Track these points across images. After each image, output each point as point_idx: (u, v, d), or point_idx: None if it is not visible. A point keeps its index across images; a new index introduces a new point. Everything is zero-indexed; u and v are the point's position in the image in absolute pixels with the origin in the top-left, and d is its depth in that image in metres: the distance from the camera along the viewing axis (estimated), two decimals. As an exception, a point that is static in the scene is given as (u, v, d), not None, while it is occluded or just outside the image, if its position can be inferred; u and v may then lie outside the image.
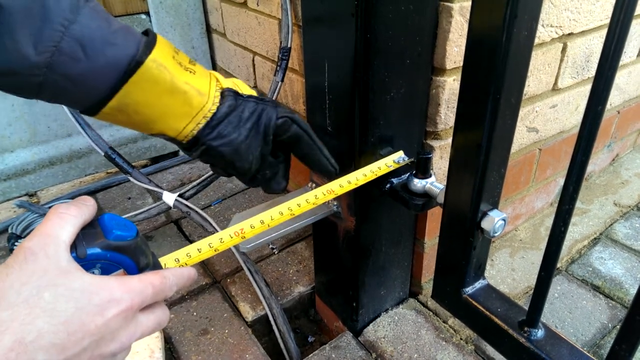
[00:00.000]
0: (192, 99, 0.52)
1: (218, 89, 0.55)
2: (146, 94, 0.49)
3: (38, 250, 0.36)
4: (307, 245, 1.27)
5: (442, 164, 0.88)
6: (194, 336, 1.01)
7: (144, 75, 0.48)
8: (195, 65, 0.54)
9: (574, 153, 0.48)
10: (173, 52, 0.52)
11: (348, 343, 0.96)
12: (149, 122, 0.52)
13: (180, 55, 0.53)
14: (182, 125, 0.53)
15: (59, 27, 0.44)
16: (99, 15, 0.47)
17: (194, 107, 0.52)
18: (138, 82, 0.48)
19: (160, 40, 0.51)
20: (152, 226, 1.35)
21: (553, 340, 0.62)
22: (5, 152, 1.45)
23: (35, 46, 0.43)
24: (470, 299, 0.70)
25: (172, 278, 0.44)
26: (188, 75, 0.52)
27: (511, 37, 0.50)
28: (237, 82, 0.59)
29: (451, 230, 0.68)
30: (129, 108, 0.50)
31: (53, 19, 0.43)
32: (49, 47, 0.43)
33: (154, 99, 0.50)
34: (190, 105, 0.52)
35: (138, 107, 0.50)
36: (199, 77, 0.53)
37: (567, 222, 0.53)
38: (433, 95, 0.79)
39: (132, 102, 0.49)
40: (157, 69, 0.49)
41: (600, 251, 1.17)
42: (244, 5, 1.28)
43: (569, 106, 1.10)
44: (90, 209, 0.42)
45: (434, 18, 0.72)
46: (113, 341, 0.38)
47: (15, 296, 0.34)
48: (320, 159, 0.64)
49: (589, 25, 0.98)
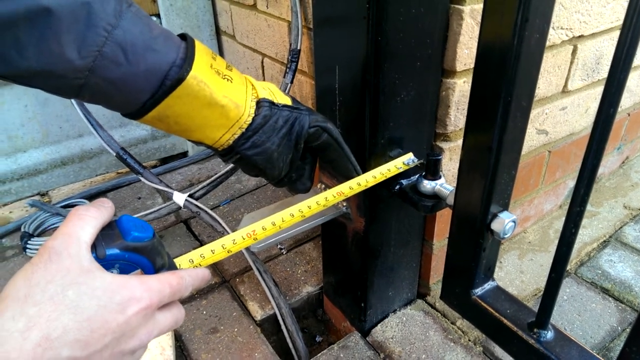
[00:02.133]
0: (230, 112, 0.54)
1: (254, 98, 0.56)
2: (186, 107, 0.51)
3: (61, 250, 0.37)
4: (315, 246, 1.27)
5: (451, 165, 0.88)
6: (204, 334, 1.02)
7: (185, 90, 0.50)
8: (232, 70, 0.56)
9: (586, 155, 0.48)
10: (211, 60, 0.53)
11: (356, 343, 0.96)
12: (187, 131, 0.55)
13: (217, 61, 0.54)
14: (219, 135, 0.55)
15: (103, 32, 0.45)
16: (141, 20, 0.48)
17: (231, 119, 0.54)
18: (179, 97, 0.50)
19: (199, 49, 0.52)
20: (162, 226, 1.37)
21: (563, 342, 0.62)
22: (19, 152, 1.47)
23: (79, 50, 0.44)
24: (479, 300, 0.70)
25: (188, 278, 0.45)
26: (226, 86, 0.53)
27: (523, 40, 0.51)
28: (271, 88, 0.61)
29: (461, 231, 0.69)
30: (169, 119, 0.52)
31: (97, 23, 0.44)
32: (92, 51, 0.45)
33: (193, 112, 0.52)
34: (227, 117, 0.54)
35: (178, 119, 0.52)
36: (236, 86, 0.55)
37: (577, 224, 0.53)
38: (443, 97, 0.80)
39: (172, 114, 0.52)
40: (198, 85, 0.51)
41: (609, 254, 1.17)
42: (254, 8, 1.29)
43: (579, 108, 1.10)
44: (108, 210, 0.43)
45: (444, 20, 0.72)
46: (133, 338, 0.39)
47: (41, 294, 0.35)
48: (346, 165, 0.67)
49: (599, 27, 0.98)
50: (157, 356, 0.92)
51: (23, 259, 1.25)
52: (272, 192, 1.52)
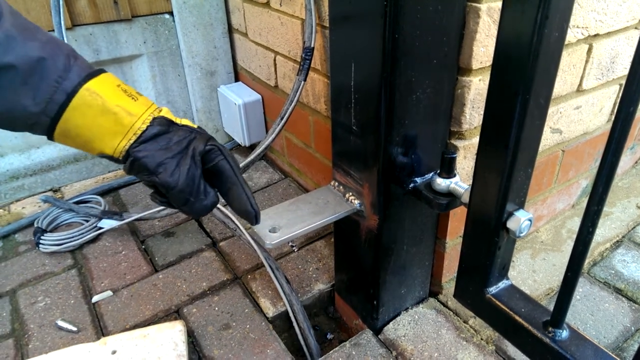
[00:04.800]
0: (123, 118, 0.59)
1: (153, 114, 0.61)
2: (82, 117, 0.57)
3: None
4: (327, 244, 1.28)
5: (465, 163, 0.88)
6: (216, 330, 1.03)
7: (78, 101, 0.56)
8: (140, 96, 0.62)
9: (605, 153, 0.48)
10: (119, 82, 0.61)
11: (368, 340, 0.97)
12: (89, 142, 0.60)
13: (125, 86, 0.62)
14: (116, 142, 0.60)
15: (54, 83, 0.54)
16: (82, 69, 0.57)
17: (125, 126, 0.59)
18: (74, 108, 0.56)
19: (109, 75, 0.60)
20: (174, 222, 1.37)
21: (578, 341, 0.62)
22: (32, 148, 1.48)
23: (33, 98, 0.54)
24: (493, 298, 0.70)
25: None
26: (124, 99, 0.60)
27: (542, 38, 0.50)
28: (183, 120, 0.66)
29: (475, 230, 0.69)
30: (71, 132, 0.58)
31: (50, 76, 0.54)
32: (45, 99, 0.54)
33: (89, 121, 0.58)
34: (121, 124, 0.59)
35: (78, 130, 0.58)
36: (136, 103, 0.61)
37: (595, 223, 0.53)
38: (458, 95, 0.80)
39: (73, 127, 0.58)
40: (90, 95, 0.57)
41: (622, 254, 1.16)
42: (267, 6, 1.29)
43: (593, 107, 1.09)
44: None
45: (461, 18, 0.72)
46: None
47: None
48: (241, 196, 0.65)
49: (615, 26, 0.97)
50: (170, 351, 0.93)
51: (36, 255, 1.27)
52: (283, 190, 1.52)
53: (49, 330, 1.05)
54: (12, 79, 0.52)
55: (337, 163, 0.89)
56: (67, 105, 0.56)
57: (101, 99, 0.58)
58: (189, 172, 0.61)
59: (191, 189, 0.62)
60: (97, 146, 0.60)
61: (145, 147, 0.60)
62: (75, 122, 0.57)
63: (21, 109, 0.54)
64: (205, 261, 1.23)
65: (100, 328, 1.05)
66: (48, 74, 0.54)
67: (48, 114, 0.55)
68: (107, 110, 0.58)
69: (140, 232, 1.35)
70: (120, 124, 0.59)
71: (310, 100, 1.26)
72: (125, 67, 1.53)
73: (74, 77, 0.56)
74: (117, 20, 1.43)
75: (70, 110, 0.56)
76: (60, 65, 0.55)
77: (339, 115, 0.83)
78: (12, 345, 1.02)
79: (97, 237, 1.32)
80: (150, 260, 1.24)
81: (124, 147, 0.59)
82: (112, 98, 0.58)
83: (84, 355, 0.93)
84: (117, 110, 0.58)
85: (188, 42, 1.55)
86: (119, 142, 0.59)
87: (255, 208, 0.67)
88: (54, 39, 0.57)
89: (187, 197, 0.62)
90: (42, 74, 0.54)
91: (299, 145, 1.44)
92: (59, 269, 1.22)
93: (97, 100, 0.57)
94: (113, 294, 1.14)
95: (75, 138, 0.59)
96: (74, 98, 0.56)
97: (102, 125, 0.58)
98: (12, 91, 0.53)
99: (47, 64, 0.54)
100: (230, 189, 0.65)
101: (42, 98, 0.54)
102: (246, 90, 1.61)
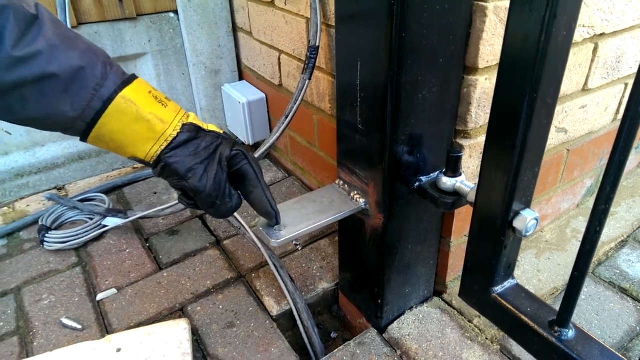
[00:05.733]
0: (155, 126, 0.62)
1: (182, 120, 0.65)
2: (117, 123, 0.60)
3: None
4: (331, 242, 1.28)
5: (471, 162, 0.88)
6: (220, 329, 1.03)
7: (113, 108, 0.60)
8: (170, 101, 0.66)
9: (612, 152, 0.48)
10: (151, 89, 0.64)
11: (373, 339, 0.97)
12: (122, 147, 0.63)
13: (156, 92, 0.65)
14: (148, 147, 0.63)
15: (92, 91, 0.58)
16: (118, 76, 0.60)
17: (157, 132, 0.63)
18: (110, 115, 0.60)
19: (140, 81, 0.63)
20: (178, 221, 1.38)
21: (584, 340, 0.62)
22: (37, 146, 1.48)
23: (72, 104, 0.57)
24: (499, 298, 0.70)
25: None
26: (156, 106, 0.63)
27: (550, 37, 0.50)
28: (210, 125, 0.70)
29: (481, 229, 0.69)
30: (105, 137, 0.61)
31: (88, 85, 0.57)
32: (82, 106, 0.58)
33: (124, 127, 0.61)
34: (154, 130, 0.62)
35: (112, 136, 0.61)
36: (167, 110, 0.64)
37: (602, 222, 0.53)
38: (464, 94, 0.80)
39: (107, 132, 0.61)
40: (125, 103, 0.60)
41: (627, 254, 1.16)
42: (272, 5, 1.29)
43: (599, 107, 1.09)
44: None
45: (467, 17, 0.72)
46: None
47: None
48: (262, 199, 0.72)
49: (620, 25, 0.97)
50: (174, 349, 0.93)
51: (40, 252, 1.27)
52: (287, 189, 1.52)
53: (54, 327, 1.05)
54: (53, 87, 0.55)
55: (342, 162, 0.89)
56: (103, 112, 0.59)
57: (135, 107, 0.61)
58: (216, 177, 0.65)
59: (218, 193, 0.66)
60: (129, 150, 0.63)
61: (175, 153, 0.64)
62: (110, 128, 0.60)
63: (60, 115, 0.57)
64: (209, 259, 1.23)
65: (105, 326, 1.05)
66: (87, 82, 0.57)
67: (84, 119, 0.58)
68: (141, 117, 0.61)
69: (144, 231, 1.35)
70: (152, 131, 0.62)
71: (315, 99, 1.26)
72: (130, 65, 1.53)
73: (110, 84, 0.59)
74: (122, 19, 1.43)
75: (106, 117, 0.59)
76: (98, 73, 0.58)
77: (345, 114, 0.83)
78: (17, 342, 1.02)
79: (102, 235, 1.32)
80: (155, 259, 1.25)
81: (156, 153, 0.63)
82: (145, 105, 0.62)
83: (89, 353, 0.93)
84: (150, 118, 0.62)
85: (192, 40, 1.55)
86: (151, 148, 0.63)
87: (275, 209, 0.74)
88: (92, 47, 0.60)
89: (214, 200, 0.67)
90: (81, 83, 0.57)
91: (303, 144, 1.44)
92: (64, 267, 1.22)
93: (131, 107, 0.60)
94: (117, 292, 1.14)
95: (109, 142, 0.62)
96: (110, 106, 0.59)
97: (135, 131, 0.62)
98: (53, 98, 0.56)
99: (86, 72, 0.57)
100: (253, 191, 0.71)
101: (80, 105, 0.57)
102: (250, 89, 1.61)
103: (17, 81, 0.53)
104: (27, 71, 0.53)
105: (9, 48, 0.52)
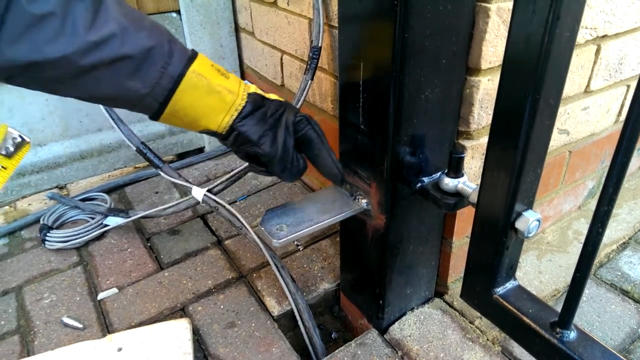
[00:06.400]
0: (225, 96, 0.65)
1: (246, 90, 0.68)
2: (190, 97, 0.63)
3: None
4: (332, 243, 1.28)
5: (473, 163, 0.88)
6: (221, 329, 1.03)
7: (186, 84, 0.62)
8: (229, 73, 0.68)
9: (615, 154, 0.48)
10: (211, 62, 0.66)
11: (374, 340, 0.96)
12: (196, 121, 0.65)
13: (217, 66, 0.67)
14: (220, 118, 0.66)
15: (161, 69, 0.60)
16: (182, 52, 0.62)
17: (227, 103, 0.65)
18: (183, 90, 0.62)
19: (202, 55, 0.65)
20: (179, 220, 1.38)
21: (585, 342, 0.62)
22: (38, 145, 1.49)
23: (143, 82, 0.59)
24: (501, 299, 0.70)
25: None
26: (222, 79, 0.65)
27: (553, 38, 0.50)
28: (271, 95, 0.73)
29: (483, 230, 0.69)
30: (179, 112, 0.64)
31: (157, 62, 0.59)
32: (152, 83, 0.60)
33: (197, 101, 0.63)
34: (224, 101, 0.65)
35: (187, 110, 0.64)
36: (230, 81, 0.66)
37: (604, 224, 0.53)
38: (467, 95, 0.80)
39: (181, 107, 0.63)
40: (196, 77, 0.62)
41: (629, 255, 1.16)
42: (274, 5, 1.29)
43: (601, 109, 1.09)
44: None
45: (470, 18, 0.72)
46: None
47: None
48: (328, 160, 0.73)
49: (623, 27, 0.97)
50: (175, 349, 0.93)
51: (42, 251, 1.27)
52: (289, 189, 1.52)
53: (55, 327, 1.05)
54: (127, 67, 0.57)
55: (344, 162, 0.89)
56: (176, 88, 0.61)
57: (206, 80, 0.63)
58: (286, 143, 0.68)
59: (288, 157, 0.69)
60: (203, 123, 0.66)
61: (246, 122, 0.66)
62: (184, 103, 0.63)
63: (132, 93, 0.59)
64: (210, 259, 1.23)
65: (106, 325, 1.05)
66: (156, 60, 0.59)
67: (155, 97, 0.61)
68: (212, 90, 0.64)
69: (145, 230, 1.35)
70: (223, 102, 0.65)
71: (317, 100, 1.26)
72: (132, 65, 1.53)
73: (177, 61, 0.61)
74: (124, 19, 1.43)
75: (180, 93, 0.62)
76: (165, 51, 0.60)
77: (347, 115, 0.83)
78: (17, 341, 1.02)
79: (103, 235, 1.32)
80: (156, 258, 1.25)
81: (228, 123, 0.66)
82: (213, 78, 0.64)
83: (90, 352, 0.93)
84: (220, 89, 0.64)
85: (195, 40, 1.55)
86: (223, 118, 0.65)
87: (340, 170, 0.75)
88: (156, 24, 0.61)
89: (285, 164, 0.70)
90: (151, 61, 0.58)
91: (305, 144, 1.44)
92: (65, 266, 1.23)
93: (202, 81, 0.63)
94: (118, 292, 1.14)
95: (183, 118, 0.64)
96: (182, 81, 0.61)
97: (207, 104, 0.64)
98: (125, 78, 0.58)
99: (155, 51, 0.59)
100: (318, 154, 0.73)
101: (150, 82, 0.59)
102: (252, 89, 1.61)
103: (93, 64, 0.54)
104: (103, 54, 0.54)
105: (82, 33, 0.53)
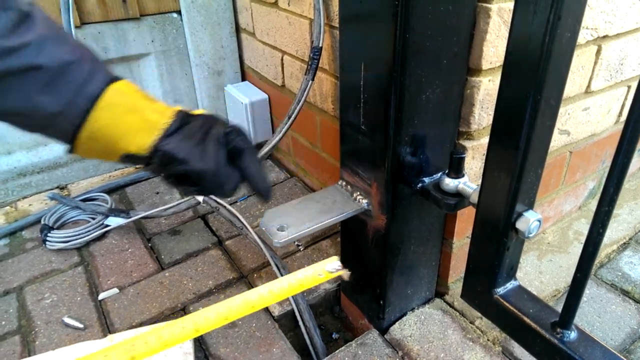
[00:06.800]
0: (148, 115, 0.61)
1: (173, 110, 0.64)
2: (109, 115, 0.59)
3: None
4: (333, 243, 1.28)
5: (474, 164, 0.88)
6: (222, 329, 1.03)
7: (105, 101, 0.58)
8: (157, 100, 0.64)
9: (616, 154, 0.48)
10: (137, 88, 0.62)
11: (374, 340, 0.97)
12: (113, 143, 0.60)
13: (144, 92, 0.63)
14: (141, 138, 0.61)
15: (77, 87, 0.56)
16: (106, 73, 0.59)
17: (151, 122, 0.61)
18: (102, 108, 0.58)
19: (126, 80, 0.62)
20: (180, 221, 1.38)
21: (586, 342, 0.62)
22: (40, 146, 1.49)
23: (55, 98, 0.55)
24: (501, 299, 0.70)
25: None
26: (147, 101, 0.62)
27: (554, 39, 0.50)
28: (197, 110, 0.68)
29: (484, 230, 0.69)
30: (96, 133, 0.59)
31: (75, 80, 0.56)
32: (66, 100, 0.55)
33: (115, 119, 0.59)
34: (147, 120, 0.61)
35: (104, 130, 0.59)
36: (158, 104, 0.63)
37: (605, 224, 0.53)
38: (467, 95, 0.80)
39: (99, 127, 0.58)
40: (117, 95, 0.59)
41: (629, 256, 1.16)
42: (275, 5, 1.30)
43: (601, 109, 1.09)
44: None
45: (471, 19, 0.72)
46: None
47: None
48: (259, 173, 0.69)
49: (624, 27, 0.97)
50: (176, 349, 0.93)
51: (43, 252, 1.27)
52: (289, 190, 1.53)
53: (56, 327, 1.05)
54: (39, 78, 0.54)
55: (345, 162, 0.89)
56: (93, 105, 0.57)
57: (128, 98, 0.60)
58: (217, 155, 0.64)
59: (220, 170, 0.64)
60: (122, 145, 0.61)
61: (170, 141, 0.61)
62: (102, 123, 0.59)
63: (40, 110, 0.55)
64: (211, 259, 1.23)
65: (107, 325, 1.05)
66: (74, 77, 0.56)
67: (69, 117, 0.57)
68: (134, 108, 0.60)
69: (146, 230, 1.35)
70: (146, 120, 0.61)
71: (318, 100, 1.26)
72: (133, 65, 1.54)
73: (97, 80, 0.58)
74: (125, 19, 1.44)
75: (98, 111, 0.58)
76: (86, 69, 0.57)
77: (348, 115, 0.83)
78: (18, 341, 1.02)
79: (104, 235, 1.33)
80: (157, 258, 1.25)
81: (151, 144, 0.61)
82: (138, 99, 0.61)
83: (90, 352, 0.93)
84: (142, 108, 0.61)
85: (195, 41, 1.55)
86: (145, 139, 0.61)
87: (269, 184, 0.71)
88: (83, 46, 0.59)
89: (219, 179, 0.64)
90: (68, 77, 0.55)
91: (306, 144, 1.44)
92: (66, 266, 1.23)
93: (123, 99, 0.59)
94: (119, 292, 1.14)
95: (101, 139, 0.60)
96: (101, 98, 0.58)
97: (127, 122, 0.60)
98: (36, 91, 0.54)
99: (74, 67, 0.56)
100: (248, 166, 0.68)
101: (63, 100, 0.56)
102: (253, 90, 1.62)
103: (3, 70, 0.52)
104: (15, 61, 0.52)
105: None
